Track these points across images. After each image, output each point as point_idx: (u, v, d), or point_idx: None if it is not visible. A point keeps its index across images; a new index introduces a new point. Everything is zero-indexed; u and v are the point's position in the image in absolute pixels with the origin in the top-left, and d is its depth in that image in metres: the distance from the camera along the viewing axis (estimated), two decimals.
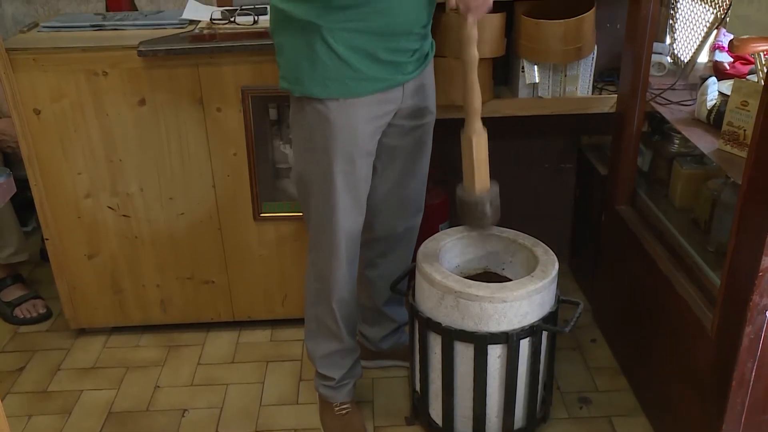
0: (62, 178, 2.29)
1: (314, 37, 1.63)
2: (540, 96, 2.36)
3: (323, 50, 1.64)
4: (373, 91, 1.71)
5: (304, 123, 1.75)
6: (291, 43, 1.69)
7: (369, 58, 1.67)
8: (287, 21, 1.67)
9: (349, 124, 1.71)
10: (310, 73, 1.67)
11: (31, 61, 2.13)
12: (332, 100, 1.69)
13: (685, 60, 2.34)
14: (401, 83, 1.77)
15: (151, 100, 2.21)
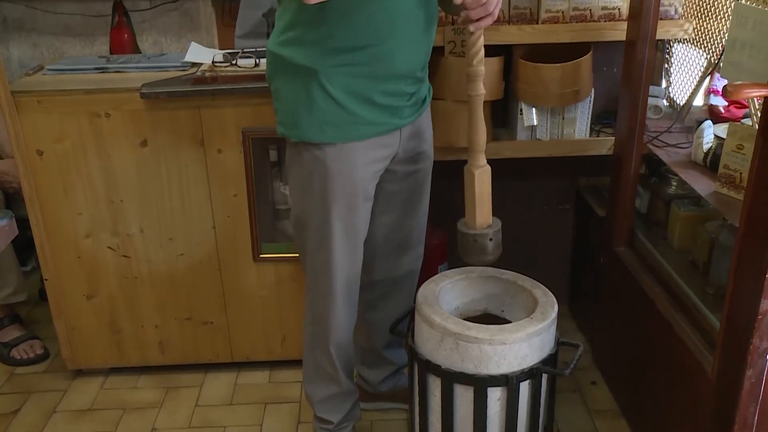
0: (63, 218, 2.30)
1: (311, 81, 1.65)
2: (538, 138, 2.38)
3: (320, 95, 1.65)
4: (371, 135, 1.72)
5: (301, 168, 1.76)
6: (288, 88, 1.70)
7: (366, 103, 1.68)
8: (284, 66, 1.68)
9: (346, 169, 1.72)
10: (307, 118, 1.68)
11: (36, 103, 2.16)
12: (329, 144, 1.70)
13: (681, 103, 2.37)
14: (398, 127, 1.78)
15: (153, 141, 2.23)
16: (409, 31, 1.64)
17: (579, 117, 2.36)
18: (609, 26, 2.24)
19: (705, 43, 2.21)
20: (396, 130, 1.78)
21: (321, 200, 1.75)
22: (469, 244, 1.83)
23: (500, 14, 2.19)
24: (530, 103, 2.31)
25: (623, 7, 2.23)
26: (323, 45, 1.61)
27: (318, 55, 1.61)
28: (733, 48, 1.57)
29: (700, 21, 2.23)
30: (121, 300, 2.43)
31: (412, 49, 1.69)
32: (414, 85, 1.75)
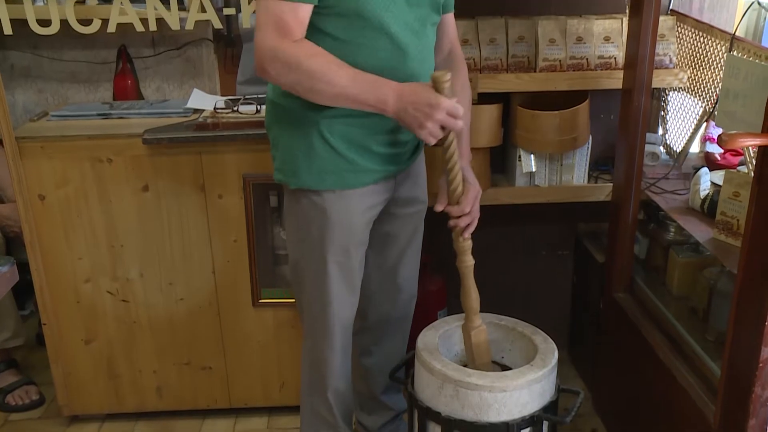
0: (63, 263, 2.31)
1: (311, 130, 1.67)
2: (537, 184, 2.40)
3: (320, 143, 1.67)
4: (369, 182, 1.74)
5: (299, 214, 1.78)
6: (287, 137, 1.72)
7: (364, 151, 1.70)
8: (284, 115, 1.71)
9: (344, 216, 1.73)
10: (306, 166, 1.70)
11: (39, 148, 2.18)
12: (328, 191, 1.71)
13: (678, 150, 2.40)
14: (394, 174, 1.80)
15: (154, 186, 2.25)
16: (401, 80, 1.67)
17: (577, 163, 2.38)
18: (605, 75, 2.27)
19: (700, 91, 2.24)
20: (392, 177, 1.80)
21: (319, 246, 1.76)
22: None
23: (499, 62, 2.25)
24: (529, 150, 2.34)
25: (619, 56, 2.27)
26: None
27: (318, 106, 1.64)
28: (726, 98, 1.60)
29: (695, 70, 2.27)
30: (119, 345, 2.42)
31: None
32: (409, 134, 1.77)
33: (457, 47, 1.87)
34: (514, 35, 2.27)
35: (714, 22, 2.38)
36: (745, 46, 1.88)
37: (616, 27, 2.27)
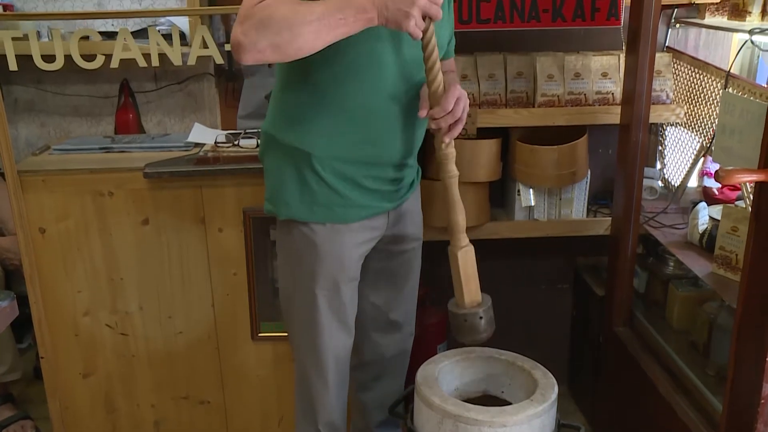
0: (62, 296, 2.30)
1: (303, 163, 1.68)
2: (536, 219, 2.41)
3: (311, 177, 1.68)
4: (360, 218, 1.74)
5: (290, 246, 1.78)
6: (279, 168, 1.73)
7: (356, 186, 1.71)
8: (277, 147, 1.72)
9: (335, 250, 1.73)
10: (297, 198, 1.71)
11: (41, 182, 2.19)
12: (319, 224, 1.72)
13: (676, 184, 2.41)
14: (386, 210, 1.81)
15: (155, 220, 2.25)
16: (396, 120, 1.68)
17: (576, 198, 2.39)
18: (603, 110, 2.29)
19: (697, 126, 2.27)
20: (384, 213, 1.80)
21: (308, 278, 1.76)
22: (460, 324, 1.82)
23: (497, 98, 2.28)
24: (527, 184, 2.35)
25: (617, 92, 2.29)
26: (317, 129, 1.65)
27: (311, 139, 1.65)
28: (723, 134, 1.61)
29: (692, 106, 2.30)
30: (117, 378, 2.41)
31: (401, 139, 1.72)
32: (402, 171, 1.78)
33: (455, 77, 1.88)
34: (513, 71, 2.30)
35: (709, 59, 2.41)
36: (740, 83, 1.91)
37: (613, 63, 2.30)
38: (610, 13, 2.19)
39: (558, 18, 2.19)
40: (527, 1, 2.18)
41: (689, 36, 2.48)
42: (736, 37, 2.36)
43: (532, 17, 2.19)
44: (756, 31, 1.84)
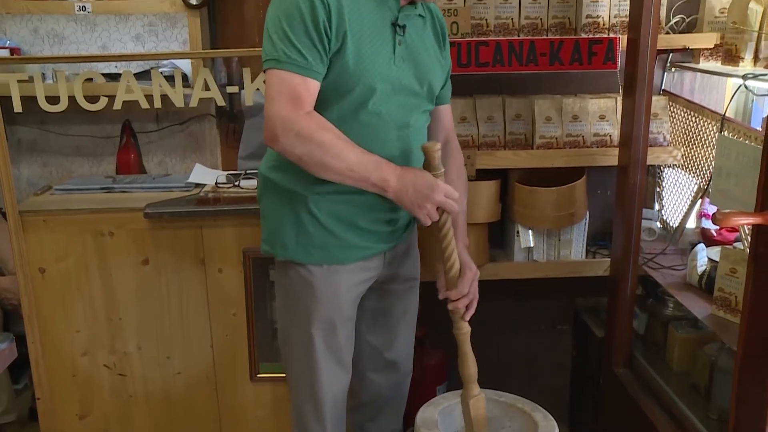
0: (60, 336, 2.30)
1: (300, 206, 1.69)
2: (535, 260, 2.41)
3: (308, 218, 1.70)
4: (356, 259, 1.75)
5: (288, 286, 1.79)
6: (276, 210, 1.74)
7: (352, 228, 1.72)
8: (274, 189, 1.74)
9: (331, 290, 1.74)
10: (294, 239, 1.72)
11: (42, 222, 2.20)
12: (316, 265, 1.73)
13: (674, 226, 2.42)
14: (383, 251, 1.81)
15: (155, 260, 2.26)
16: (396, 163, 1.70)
17: (575, 239, 2.40)
18: (601, 152, 2.32)
19: (694, 168, 2.29)
20: (380, 254, 1.81)
21: (305, 318, 1.76)
22: None
23: (496, 139, 2.30)
24: (527, 225, 2.36)
25: (614, 134, 2.32)
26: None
27: (307, 182, 1.66)
28: (719, 176, 1.63)
29: (688, 148, 2.32)
30: (114, 420, 2.39)
31: None
32: (398, 212, 1.79)
33: (454, 138, 1.92)
34: (511, 113, 2.33)
35: (705, 102, 2.44)
36: (735, 126, 1.93)
37: (610, 106, 2.33)
38: (607, 57, 2.22)
39: (555, 62, 2.23)
40: (525, 45, 2.21)
41: (685, 79, 2.52)
42: (730, 81, 2.40)
43: (530, 61, 2.22)
44: (749, 77, 1.87)
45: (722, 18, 2.27)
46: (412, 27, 1.68)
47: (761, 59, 2.00)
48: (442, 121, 1.88)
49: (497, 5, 2.26)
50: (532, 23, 2.28)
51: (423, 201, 1.59)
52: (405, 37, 1.66)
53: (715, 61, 2.30)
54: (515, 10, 2.27)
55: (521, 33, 2.28)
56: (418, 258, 1.98)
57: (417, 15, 1.70)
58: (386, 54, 1.62)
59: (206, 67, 2.50)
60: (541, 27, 2.28)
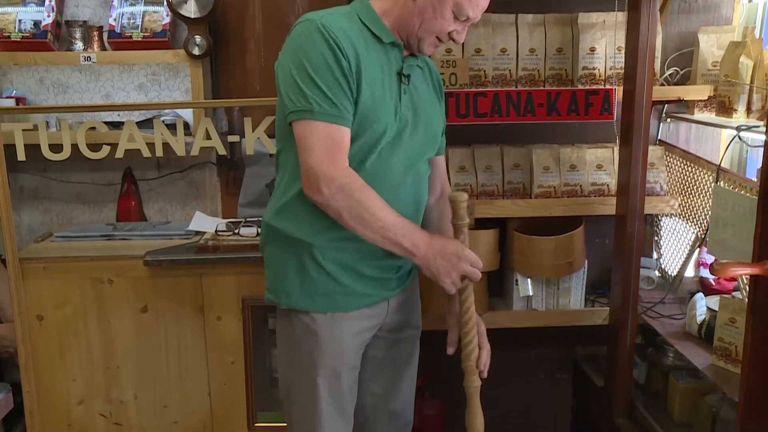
0: (57, 385, 2.28)
1: (304, 253, 1.70)
2: (534, 308, 2.41)
3: (312, 266, 1.70)
4: (360, 306, 1.75)
5: (291, 335, 1.78)
6: (280, 258, 1.75)
7: (356, 275, 1.72)
8: (278, 237, 1.74)
9: (335, 339, 1.73)
10: (298, 287, 1.72)
11: (41, 269, 2.21)
12: (319, 313, 1.73)
13: (673, 274, 2.43)
14: (386, 298, 1.82)
15: (154, 307, 2.26)
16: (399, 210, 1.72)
17: (574, 287, 2.41)
18: (599, 201, 2.34)
19: (691, 217, 2.30)
20: (384, 301, 1.81)
21: (309, 367, 1.75)
22: None
23: (495, 188, 2.32)
24: (525, 274, 2.37)
25: (612, 183, 2.34)
26: (318, 220, 1.68)
27: (312, 230, 1.67)
28: (716, 226, 1.64)
29: (685, 197, 2.34)
30: None
31: None
32: (401, 259, 1.80)
33: (448, 187, 1.94)
34: (510, 163, 2.35)
35: (700, 151, 2.47)
36: (731, 177, 1.95)
37: (607, 155, 2.36)
38: (603, 108, 2.26)
39: (553, 112, 2.26)
40: (523, 96, 2.25)
41: (680, 130, 2.55)
42: (724, 131, 2.43)
43: (527, 111, 2.26)
44: (743, 128, 1.90)
45: (715, 71, 2.31)
46: (415, 77, 1.72)
47: (754, 111, 2.03)
48: (438, 170, 1.90)
49: (495, 57, 2.30)
50: (529, 74, 2.32)
51: (450, 270, 1.61)
52: (409, 86, 1.69)
53: (710, 112, 2.34)
54: (513, 61, 2.31)
55: (519, 84, 2.31)
56: (419, 306, 1.98)
57: (417, 65, 1.73)
58: (393, 102, 1.65)
59: (208, 116, 2.53)
60: (539, 78, 2.32)
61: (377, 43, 1.63)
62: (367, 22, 1.63)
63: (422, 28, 1.63)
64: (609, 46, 2.30)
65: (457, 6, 1.60)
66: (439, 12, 1.60)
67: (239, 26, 2.87)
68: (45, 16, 2.67)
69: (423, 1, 1.61)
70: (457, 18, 1.62)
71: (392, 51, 1.66)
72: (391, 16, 1.65)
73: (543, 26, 2.32)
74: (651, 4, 1.97)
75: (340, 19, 1.59)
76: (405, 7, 1.63)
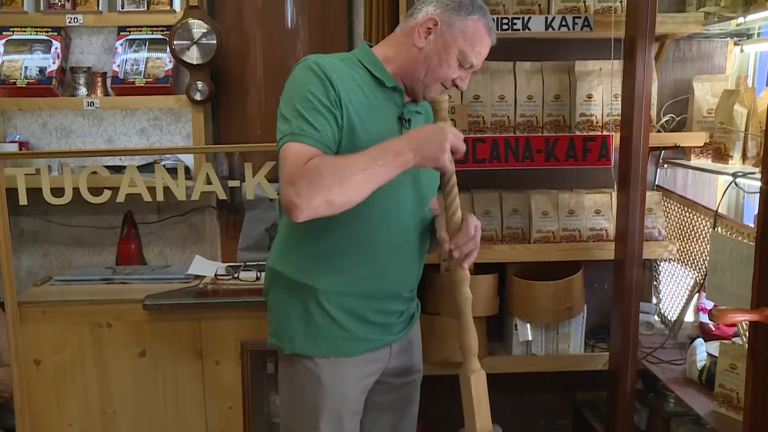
0: (52, 430, 2.26)
1: (308, 298, 1.70)
2: (534, 353, 2.40)
3: (317, 311, 1.70)
4: (363, 351, 1.75)
5: (293, 379, 1.77)
6: (284, 303, 1.75)
7: (360, 320, 1.72)
8: (282, 281, 1.74)
9: (338, 383, 1.73)
10: (302, 332, 1.72)
11: (40, 313, 2.21)
12: (323, 358, 1.72)
13: (672, 319, 2.43)
14: (389, 343, 1.81)
15: (152, 351, 2.25)
16: (403, 254, 1.73)
17: (573, 332, 2.40)
18: (597, 246, 2.34)
19: (690, 262, 2.31)
20: (387, 346, 1.81)
21: (311, 412, 1.74)
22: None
23: (494, 233, 2.33)
24: (525, 319, 2.36)
25: (610, 228, 2.35)
26: (323, 265, 1.68)
27: (317, 274, 1.68)
28: (715, 272, 1.65)
29: (683, 242, 2.35)
30: None
31: (406, 271, 1.77)
32: (405, 303, 1.81)
33: None
34: (509, 208, 2.37)
35: (698, 197, 2.49)
36: (728, 223, 1.97)
37: (605, 201, 2.37)
38: (601, 154, 2.28)
39: (551, 158, 2.28)
40: (521, 142, 2.27)
41: (677, 175, 2.57)
42: (721, 177, 2.45)
43: (526, 157, 2.28)
44: (739, 175, 1.92)
45: (710, 118, 2.34)
46: (414, 122, 1.74)
47: (749, 157, 2.05)
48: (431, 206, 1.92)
49: (494, 103, 2.33)
50: (527, 121, 2.35)
51: (442, 143, 1.54)
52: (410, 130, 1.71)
53: (706, 158, 2.36)
54: (511, 108, 2.34)
55: (517, 130, 2.34)
56: (421, 350, 1.98)
57: (416, 111, 1.76)
58: None
59: (209, 161, 2.56)
60: (537, 124, 2.35)
61: (378, 86, 1.66)
62: (368, 65, 1.66)
63: (428, 75, 1.65)
64: (606, 93, 2.33)
65: (462, 54, 1.63)
66: (445, 60, 1.64)
67: (240, 72, 2.92)
68: (50, 62, 2.73)
69: (429, 50, 1.64)
70: (461, 65, 1.65)
71: (394, 95, 1.69)
72: (395, 62, 1.68)
73: (540, 73, 2.36)
74: (646, 52, 2.01)
75: (336, 60, 1.62)
76: (410, 55, 1.66)
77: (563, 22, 2.23)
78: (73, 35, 2.86)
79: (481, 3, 1.68)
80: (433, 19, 1.63)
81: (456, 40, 1.63)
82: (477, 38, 1.64)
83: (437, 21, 1.63)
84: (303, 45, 2.96)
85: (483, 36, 1.65)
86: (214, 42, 2.70)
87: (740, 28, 2.38)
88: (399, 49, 1.68)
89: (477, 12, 1.65)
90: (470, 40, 1.64)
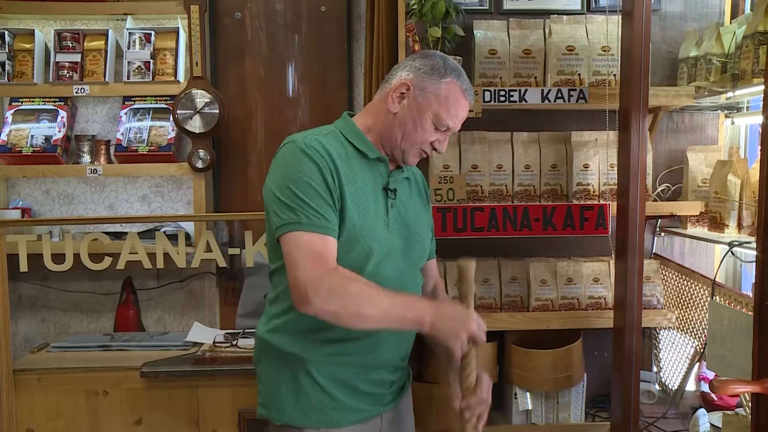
0: None
1: (299, 368, 1.69)
2: (534, 422, 2.37)
3: (307, 381, 1.69)
4: (354, 421, 1.72)
5: None
6: (274, 373, 1.73)
7: (350, 390, 1.71)
8: (272, 352, 1.73)
9: None
10: (292, 403, 1.70)
11: (35, 381, 2.19)
12: (313, 429, 1.70)
13: (674, 388, 2.41)
14: (380, 414, 1.79)
15: (148, 420, 2.23)
16: None
17: (573, 401, 2.38)
18: (596, 314, 2.34)
19: (689, 330, 2.31)
20: (377, 416, 1.79)
21: None
22: None
23: (492, 301, 2.33)
24: (524, 388, 2.34)
25: (608, 296, 2.35)
26: (313, 335, 1.68)
27: (307, 345, 1.67)
28: (714, 342, 1.65)
29: (682, 310, 2.35)
30: None
31: (398, 340, 1.75)
32: (396, 373, 1.79)
33: (441, 285, 1.96)
34: (507, 276, 2.38)
35: (695, 264, 2.50)
36: (726, 292, 1.97)
37: (603, 269, 2.39)
38: (598, 223, 2.30)
39: (549, 227, 2.30)
40: (519, 211, 2.29)
41: (674, 243, 2.59)
42: (717, 245, 2.47)
43: (524, 226, 2.30)
44: (735, 244, 1.93)
45: (705, 187, 2.38)
46: (401, 190, 1.75)
47: (745, 226, 2.08)
48: (430, 273, 1.92)
49: (492, 173, 2.37)
50: (525, 190, 2.38)
51: (459, 330, 1.58)
52: (396, 200, 1.73)
53: (702, 227, 2.38)
54: (509, 177, 2.37)
55: (515, 199, 2.37)
56: (413, 421, 1.95)
57: (404, 178, 1.77)
58: (381, 217, 1.68)
59: (209, 229, 2.58)
60: (534, 193, 2.38)
61: (362, 158, 1.67)
62: (351, 138, 1.68)
63: (404, 140, 1.67)
64: (602, 163, 2.37)
65: (436, 117, 1.65)
66: (419, 124, 1.65)
67: (242, 140, 2.97)
68: (56, 131, 2.77)
69: (403, 114, 1.65)
70: (437, 129, 1.66)
71: (378, 166, 1.70)
72: (374, 131, 1.69)
73: (537, 143, 2.40)
74: (640, 124, 2.05)
75: (322, 138, 1.64)
76: (386, 120, 1.67)
77: (559, 94, 2.28)
78: (80, 104, 2.92)
79: (456, 65, 1.69)
80: (406, 84, 1.65)
81: (429, 103, 1.64)
82: (451, 100, 1.65)
83: (410, 85, 1.65)
84: (304, 114, 3.02)
85: (458, 98, 1.66)
86: (216, 111, 2.76)
87: (730, 102, 2.44)
88: (377, 116, 1.70)
89: (450, 74, 1.66)
90: (444, 102, 1.65)
